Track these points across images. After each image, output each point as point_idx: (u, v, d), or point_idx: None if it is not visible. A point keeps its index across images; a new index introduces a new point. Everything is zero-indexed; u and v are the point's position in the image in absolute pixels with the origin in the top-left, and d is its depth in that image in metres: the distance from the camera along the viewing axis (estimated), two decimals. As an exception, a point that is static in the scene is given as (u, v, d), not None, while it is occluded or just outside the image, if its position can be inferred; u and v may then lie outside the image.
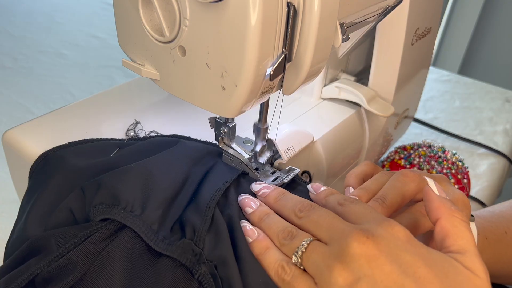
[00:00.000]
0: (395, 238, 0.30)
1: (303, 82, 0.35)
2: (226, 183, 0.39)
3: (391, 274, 0.29)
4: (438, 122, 0.88)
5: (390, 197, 0.37)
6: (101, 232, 0.34)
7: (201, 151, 0.42)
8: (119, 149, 0.42)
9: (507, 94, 1.01)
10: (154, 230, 0.34)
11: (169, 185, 0.37)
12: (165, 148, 0.41)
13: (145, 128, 0.48)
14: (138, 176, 0.36)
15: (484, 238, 0.47)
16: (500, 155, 0.80)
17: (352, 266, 0.29)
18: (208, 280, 0.32)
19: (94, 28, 1.16)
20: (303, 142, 0.48)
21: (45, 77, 0.94)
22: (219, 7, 0.30)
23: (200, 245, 0.34)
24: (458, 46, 1.78)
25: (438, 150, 0.69)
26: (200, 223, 0.35)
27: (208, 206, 0.36)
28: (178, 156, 0.40)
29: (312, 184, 0.40)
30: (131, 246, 0.34)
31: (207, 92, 0.34)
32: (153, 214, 0.35)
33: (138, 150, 0.42)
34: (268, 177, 0.42)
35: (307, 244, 0.32)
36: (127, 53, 0.39)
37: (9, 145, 0.46)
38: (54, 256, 0.33)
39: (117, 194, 0.35)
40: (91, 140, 0.43)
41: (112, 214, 0.34)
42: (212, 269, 0.33)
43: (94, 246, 0.33)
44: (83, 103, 0.52)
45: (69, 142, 0.43)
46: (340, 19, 0.37)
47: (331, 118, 0.57)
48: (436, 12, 0.62)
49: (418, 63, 0.64)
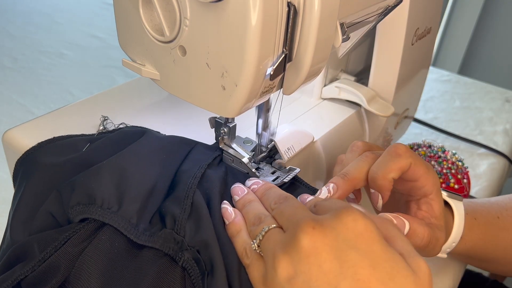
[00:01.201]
0: (348, 230, 0.29)
1: (303, 82, 0.35)
2: (201, 168, 0.39)
3: (328, 273, 0.28)
4: (438, 122, 0.88)
5: (352, 172, 0.40)
6: (80, 233, 0.34)
7: (173, 140, 0.43)
8: (90, 143, 0.42)
9: (507, 94, 1.01)
10: (133, 224, 0.34)
11: (143, 177, 0.37)
12: (134, 139, 0.41)
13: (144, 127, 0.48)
14: (111, 173, 0.36)
15: (473, 219, 0.47)
16: (500, 155, 0.80)
17: (294, 258, 0.29)
18: (192, 265, 0.33)
19: (94, 28, 1.17)
20: (303, 142, 0.48)
21: (45, 77, 0.95)
22: (219, 7, 0.30)
23: (181, 233, 0.34)
24: (458, 46, 1.78)
25: (438, 150, 0.69)
26: (180, 212, 0.35)
27: (187, 194, 0.36)
28: (149, 148, 0.40)
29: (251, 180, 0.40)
30: (109, 245, 0.34)
31: (207, 92, 0.34)
32: (130, 208, 0.35)
33: (109, 143, 0.41)
34: (268, 177, 0.42)
35: (265, 231, 0.32)
36: (127, 53, 0.39)
37: (9, 145, 0.46)
38: (37, 260, 0.33)
39: (92, 193, 0.35)
40: (61, 138, 0.43)
41: (89, 213, 0.34)
42: (195, 254, 0.33)
43: (74, 248, 0.34)
44: (83, 103, 0.52)
45: (39, 143, 0.42)
46: (340, 19, 0.37)
47: (331, 118, 0.57)
48: (436, 12, 0.62)
49: (418, 63, 0.64)
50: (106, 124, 0.46)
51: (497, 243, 0.48)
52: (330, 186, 0.40)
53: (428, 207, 0.43)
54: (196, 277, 0.33)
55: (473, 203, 0.50)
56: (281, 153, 0.45)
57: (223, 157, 0.44)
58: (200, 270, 0.33)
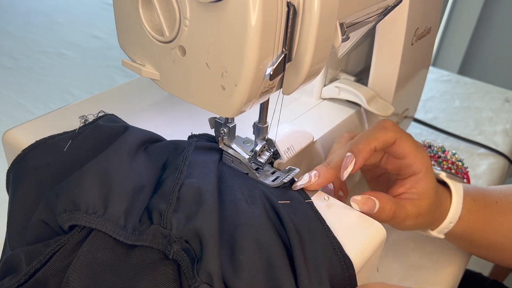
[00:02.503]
0: None
1: (303, 82, 0.35)
2: (186, 161, 0.39)
3: None
4: (438, 122, 0.88)
5: (335, 160, 0.42)
6: (67, 246, 0.34)
7: (154, 137, 0.42)
8: (71, 141, 0.41)
9: (507, 94, 1.01)
10: (121, 225, 0.34)
11: (128, 176, 0.37)
12: (116, 136, 0.40)
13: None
14: (94, 176, 0.36)
15: (472, 200, 0.48)
16: (500, 155, 0.80)
17: None
18: (181, 256, 0.33)
19: (94, 28, 1.17)
20: (303, 142, 0.48)
21: (45, 77, 0.95)
22: (219, 7, 0.30)
23: (167, 227, 0.34)
24: (458, 46, 1.78)
25: (438, 150, 0.69)
26: (166, 206, 0.35)
27: (173, 189, 0.36)
28: (132, 145, 0.39)
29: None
30: (91, 257, 0.33)
31: (207, 92, 0.34)
32: (117, 209, 0.35)
33: (90, 140, 0.41)
34: (268, 177, 0.42)
35: None
36: (127, 53, 0.39)
37: (9, 145, 0.46)
38: (23, 274, 0.33)
39: (76, 199, 0.35)
40: (43, 140, 0.42)
41: (75, 220, 0.34)
42: (183, 245, 0.33)
43: (61, 263, 0.34)
44: (83, 103, 0.52)
45: (23, 150, 0.42)
46: (340, 19, 0.37)
47: (331, 118, 0.57)
48: (436, 12, 0.62)
49: (418, 63, 0.64)
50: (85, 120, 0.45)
51: (496, 226, 0.49)
52: (312, 174, 0.42)
53: (411, 185, 0.44)
54: (186, 266, 0.32)
55: (473, 187, 0.50)
56: (281, 153, 0.45)
57: (223, 157, 0.44)
58: (190, 259, 0.33)
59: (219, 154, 0.43)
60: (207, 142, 0.44)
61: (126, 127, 0.42)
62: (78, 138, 0.41)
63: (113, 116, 0.45)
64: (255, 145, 0.43)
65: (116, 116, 0.45)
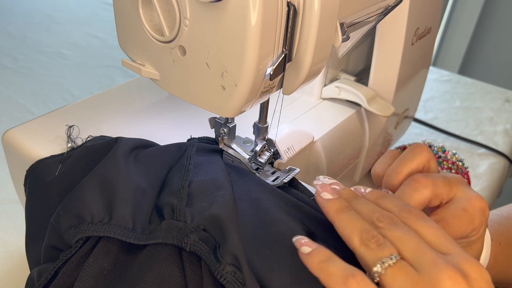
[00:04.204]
0: (484, 281, 0.28)
1: (303, 82, 0.35)
2: (191, 160, 0.39)
3: None
4: (438, 122, 0.88)
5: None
6: (72, 260, 0.34)
7: (147, 142, 0.42)
8: (61, 164, 0.41)
9: (507, 94, 1.01)
10: (129, 228, 0.33)
11: (129, 178, 0.36)
12: (107, 151, 0.39)
13: (145, 129, 0.48)
14: (93, 186, 0.35)
15: (498, 244, 0.44)
16: (500, 155, 0.80)
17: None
18: (200, 246, 0.32)
19: (94, 28, 1.16)
20: (303, 142, 0.48)
21: (45, 77, 0.94)
22: (219, 7, 0.30)
23: (181, 219, 0.33)
24: (458, 46, 1.78)
25: (438, 150, 0.69)
26: (177, 201, 0.34)
27: (182, 185, 0.35)
28: (124, 151, 0.39)
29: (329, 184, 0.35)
30: (97, 269, 0.33)
31: (207, 92, 0.34)
32: (122, 213, 0.34)
33: (82, 160, 0.40)
34: (268, 177, 0.42)
35: (396, 260, 0.29)
36: (127, 53, 0.39)
37: (9, 145, 0.46)
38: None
39: (79, 212, 0.34)
40: (33, 167, 0.42)
41: (82, 232, 0.34)
42: (201, 234, 0.32)
43: (68, 277, 0.33)
44: (83, 103, 0.52)
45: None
46: (340, 19, 0.37)
47: (331, 118, 0.57)
48: (436, 12, 0.62)
49: (418, 63, 0.64)
50: (73, 135, 0.45)
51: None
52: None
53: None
54: (207, 255, 0.31)
55: (493, 222, 0.47)
56: (281, 153, 0.45)
57: (223, 158, 0.44)
58: (210, 247, 0.32)
59: (220, 155, 0.43)
60: (207, 144, 0.44)
61: (117, 138, 0.41)
62: (69, 160, 0.41)
63: (102, 137, 0.45)
64: (255, 145, 0.43)
65: (105, 136, 0.45)
